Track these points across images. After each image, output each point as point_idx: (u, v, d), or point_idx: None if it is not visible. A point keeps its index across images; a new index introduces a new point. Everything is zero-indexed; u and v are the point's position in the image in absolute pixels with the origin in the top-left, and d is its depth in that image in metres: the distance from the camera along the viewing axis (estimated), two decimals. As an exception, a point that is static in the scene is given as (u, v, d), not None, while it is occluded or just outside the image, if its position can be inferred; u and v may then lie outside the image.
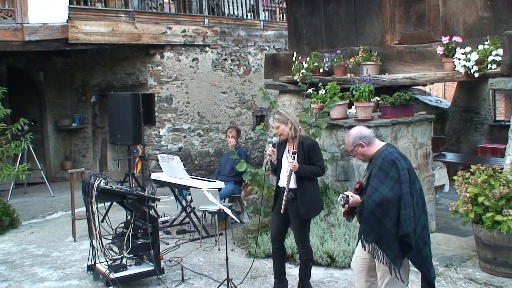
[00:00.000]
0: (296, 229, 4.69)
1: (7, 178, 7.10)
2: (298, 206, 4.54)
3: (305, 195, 4.56)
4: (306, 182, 4.58)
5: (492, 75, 6.24)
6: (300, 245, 4.71)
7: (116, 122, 8.22)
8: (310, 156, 4.57)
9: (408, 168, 3.65)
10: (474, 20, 6.46)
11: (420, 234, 3.62)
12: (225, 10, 11.90)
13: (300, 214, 4.55)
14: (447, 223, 7.11)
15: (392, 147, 3.85)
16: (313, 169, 4.57)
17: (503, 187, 5.00)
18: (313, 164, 4.58)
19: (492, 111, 12.17)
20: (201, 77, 11.23)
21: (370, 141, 3.81)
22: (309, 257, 4.72)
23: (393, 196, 3.56)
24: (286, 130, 4.56)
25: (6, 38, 8.54)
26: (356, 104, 6.52)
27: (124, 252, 5.13)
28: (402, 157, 3.72)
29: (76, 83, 12.34)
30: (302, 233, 4.67)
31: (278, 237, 4.77)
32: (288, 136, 4.60)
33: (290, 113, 4.68)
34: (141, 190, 5.40)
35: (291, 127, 4.56)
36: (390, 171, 3.61)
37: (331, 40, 8.17)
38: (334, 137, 6.68)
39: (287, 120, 4.56)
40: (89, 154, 12.19)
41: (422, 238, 3.64)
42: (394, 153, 3.71)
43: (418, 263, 3.69)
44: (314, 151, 4.60)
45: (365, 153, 3.82)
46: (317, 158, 4.61)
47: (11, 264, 6.09)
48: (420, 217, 3.64)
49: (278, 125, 4.56)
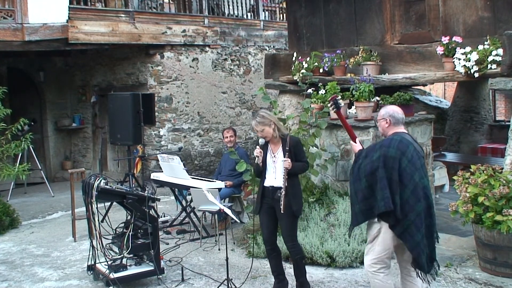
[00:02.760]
0: (286, 227, 4.68)
1: (7, 178, 7.11)
2: (290, 204, 4.58)
3: (295, 192, 4.66)
4: (293, 180, 4.67)
5: (492, 75, 6.24)
6: (289, 244, 4.70)
7: (116, 122, 8.21)
8: (296, 153, 4.69)
9: (396, 157, 3.90)
10: (474, 20, 6.46)
11: (414, 220, 3.86)
12: (225, 10, 11.91)
13: (294, 210, 4.61)
14: (447, 223, 7.11)
15: (400, 136, 4.03)
16: (301, 165, 4.73)
17: (503, 187, 5.00)
18: (299, 160, 4.70)
19: (492, 111, 12.17)
20: (201, 77, 11.23)
21: (395, 122, 4.10)
22: (300, 255, 4.75)
23: (368, 168, 3.96)
24: (270, 132, 4.66)
25: (6, 38, 8.54)
26: (356, 104, 6.52)
27: (124, 252, 5.13)
28: (398, 147, 3.93)
29: (76, 83, 12.34)
30: (291, 232, 4.70)
31: (271, 238, 4.78)
32: (272, 137, 4.69)
33: (270, 114, 4.76)
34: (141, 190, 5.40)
35: (275, 128, 4.66)
36: (375, 152, 3.99)
37: (331, 40, 8.17)
38: (334, 137, 6.68)
39: (270, 121, 4.65)
40: (89, 154, 12.20)
41: (416, 225, 3.86)
42: (393, 141, 3.98)
43: (410, 247, 3.92)
44: (299, 148, 4.75)
45: (384, 129, 4.16)
46: (302, 154, 4.78)
47: (11, 264, 6.09)
48: (415, 205, 3.86)
49: (262, 128, 4.65)
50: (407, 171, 3.88)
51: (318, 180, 6.82)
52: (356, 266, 5.49)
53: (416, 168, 3.91)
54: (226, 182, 7.03)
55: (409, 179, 3.88)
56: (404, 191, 3.87)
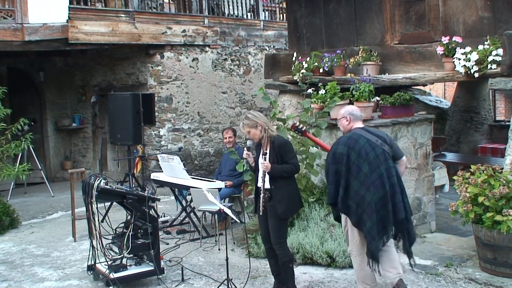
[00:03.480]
0: (272, 229, 4.65)
1: (7, 178, 7.10)
2: (275, 205, 4.55)
3: (281, 194, 4.58)
4: (280, 181, 4.59)
5: (492, 75, 6.23)
6: (277, 246, 4.66)
7: (116, 122, 8.21)
8: (282, 155, 4.60)
9: (344, 153, 4.27)
10: (474, 20, 6.46)
11: (365, 209, 4.20)
12: (225, 10, 11.91)
13: (278, 213, 4.56)
14: (447, 223, 7.11)
15: (352, 132, 4.41)
16: (286, 167, 4.59)
17: (503, 187, 5.00)
18: (286, 162, 4.60)
19: (492, 111, 12.17)
20: (201, 77, 11.23)
21: (354, 119, 4.51)
22: (287, 258, 4.67)
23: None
24: (257, 133, 4.62)
25: (6, 38, 8.54)
26: (356, 104, 6.50)
27: (124, 252, 5.13)
28: (346, 143, 4.30)
29: (76, 83, 12.34)
30: (278, 233, 4.64)
31: (268, 237, 4.75)
32: (260, 138, 4.65)
33: (258, 115, 4.68)
34: (141, 190, 5.40)
35: (261, 129, 4.60)
36: (329, 152, 4.46)
37: (331, 40, 8.17)
38: (334, 137, 6.67)
39: (256, 123, 4.60)
40: (89, 154, 12.20)
41: (367, 213, 4.20)
42: (343, 138, 4.40)
43: (364, 234, 4.28)
44: (285, 150, 4.63)
45: (345, 127, 4.54)
46: (289, 156, 4.62)
47: (11, 264, 6.09)
48: (365, 195, 4.19)
49: (248, 130, 4.63)
50: (356, 164, 4.23)
51: (318, 180, 6.82)
52: (356, 266, 5.49)
53: (365, 160, 4.23)
54: (226, 182, 7.02)
55: (358, 171, 4.22)
56: (354, 182, 4.22)
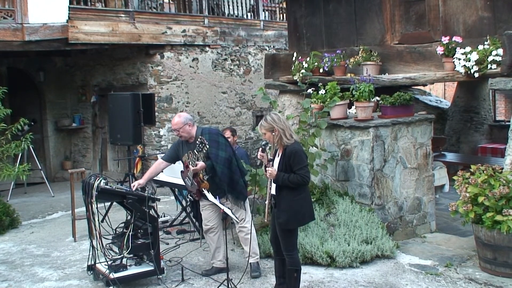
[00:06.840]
0: (280, 237, 4.58)
1: (7, 178, 7.09)
2: (278, 214, 4.47)
3: (285, 204, 4.44)
4: (286, 191, 4.43)
5: (492, 75, 6.24)
6: (285, 253, 4.58)
7: (116, 122, 8.21)
8: (291, 164, 4.40)
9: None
10: (474, 20, 6.46)
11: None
12: (225, 10, 11.90)
13: (279, 222, 4.48)
14: (447, 223, 7.12)
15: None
16: (292, 177, 4.36)
17: (503, 187, 5.00)
18: (294, 172, 4.39)
19: (492, 111, 12.17)
20: (201, 77, 11.23)
21: (193, 123, 5.25)
22: (293, 268, 4.53)
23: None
24: (272, 138, 4.49)
25: (6, 38, 8.53)
26: (356, 104, 6.52)
27: (124, 252, 5.13)
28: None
29: (76, 83, 12.33)
30: (284, 241, 4.55)
31: (275, 240, 4.71)
32: (275, 143, 4.53)
33: (278, 120, 4.50)
34: (141, 190, 5.39)
35: (277, 134, 4.44)
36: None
37: (331, 40, 8.17)
38: (334, 137, 6.68)
39: (273, 128, 4.45)
40: (89, 154, 12.19)
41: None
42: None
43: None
44: (295, 159, 4.39)
45: (190, 132, 5.20)
46: (298, 166, 4.37)
47: (11, 264, 6.09)
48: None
49: (264, 132, 4.52)
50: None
51: (318, 180, 6.83)
52: (356, 266, 5.50)
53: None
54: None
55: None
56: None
